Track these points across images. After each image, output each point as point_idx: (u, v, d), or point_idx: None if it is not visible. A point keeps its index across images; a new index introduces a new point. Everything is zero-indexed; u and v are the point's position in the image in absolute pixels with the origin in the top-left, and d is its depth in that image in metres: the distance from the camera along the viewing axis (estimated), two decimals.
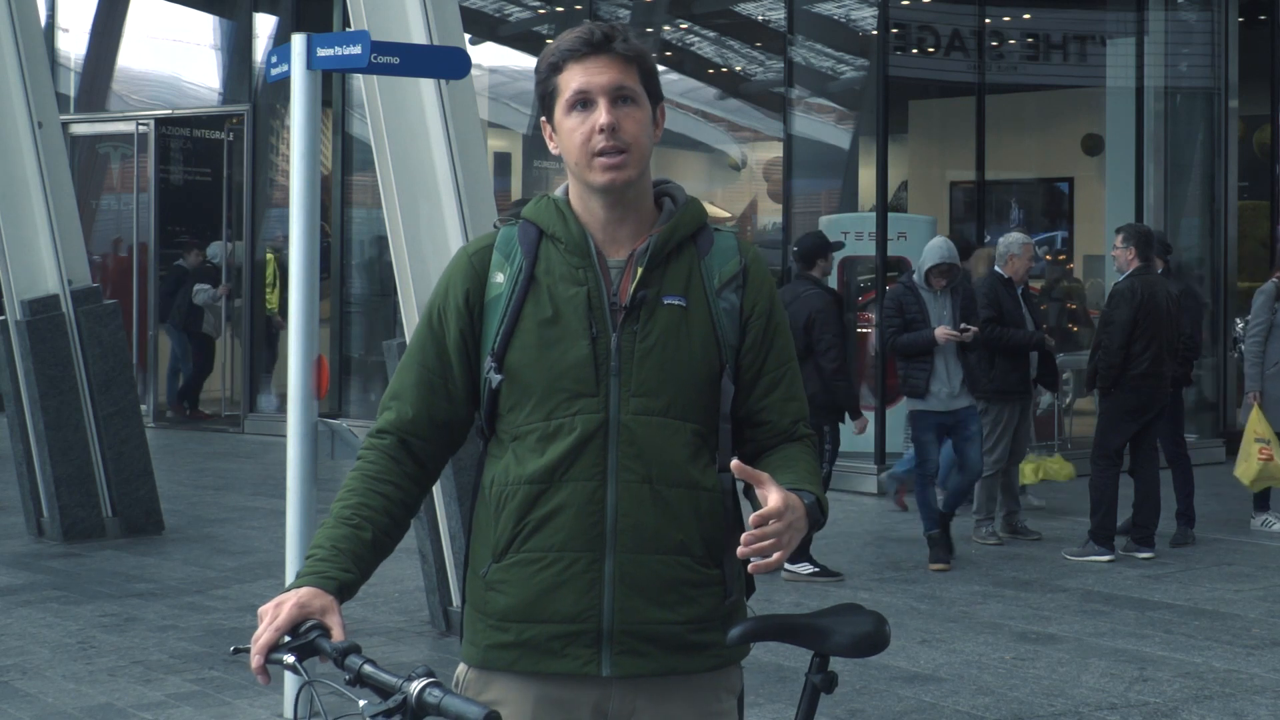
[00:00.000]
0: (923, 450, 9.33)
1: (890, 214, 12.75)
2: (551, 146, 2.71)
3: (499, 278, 2.68)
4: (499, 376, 2.65)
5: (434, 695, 2.24)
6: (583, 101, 2.62)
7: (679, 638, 2.64)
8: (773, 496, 2.47)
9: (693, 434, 2.64)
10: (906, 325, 9.20)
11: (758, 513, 2.46)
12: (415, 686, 2.26)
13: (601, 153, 2.60)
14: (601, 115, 2.60)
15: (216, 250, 17.23)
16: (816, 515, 2.58)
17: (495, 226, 2.77)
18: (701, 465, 2.65)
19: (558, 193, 2.74)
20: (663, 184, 2.76)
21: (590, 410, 2.61)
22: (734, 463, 2.49)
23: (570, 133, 2.63)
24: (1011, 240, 10.07)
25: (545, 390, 2.63)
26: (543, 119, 2.72)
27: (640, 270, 2.64)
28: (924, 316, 9.15)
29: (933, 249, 9.31)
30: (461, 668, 2.74)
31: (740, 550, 2.45)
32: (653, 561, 2.62)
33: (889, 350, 9.52)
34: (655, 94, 2.69)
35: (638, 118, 2.64)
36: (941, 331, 9.09)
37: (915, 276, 9.34)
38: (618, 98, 2.62)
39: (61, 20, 18.47)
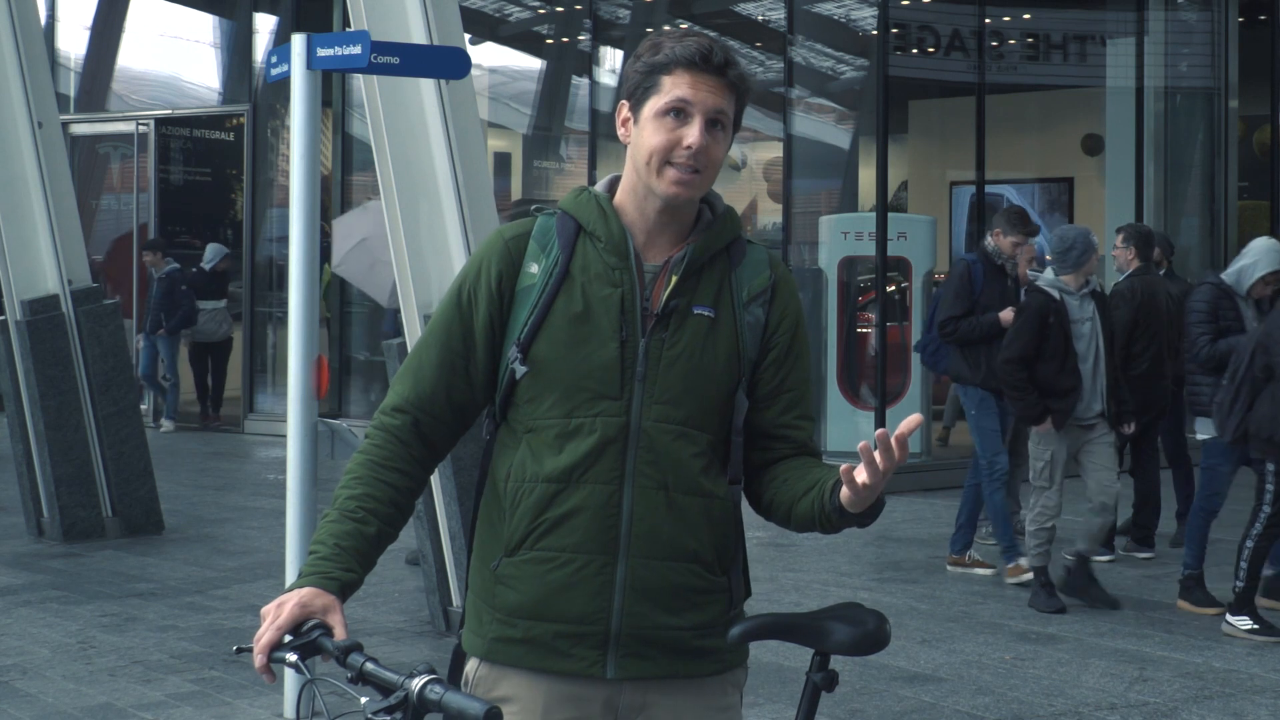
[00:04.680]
0: (1213, 481, 8.26)
1: (890, 214, 12.75)
2: (623, 134, 2.68)
3: (533, 268, 2.66)
4: (524, 368, 2.63)
5: (435, 692, 2.25)
6: (680, 111, 2.59)
7: (684, 643, 2.65)
8: (896, 452, 2.44)
9: (707, 444, 2.64)
10: (1220, 333, 8.28)
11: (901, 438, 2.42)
12: (416, 683, 2.27)
13: (679, 165, 2.59)
14: (695, 134, 2.58)
15: (215, 253, 16.66)
16: (879, 504, 2.58)
17: (534, 214, 2.74)
18: (714, 475, 2.66)
19: (599, 188, 2.72)
20: None
21: (612, 413, 2.60)
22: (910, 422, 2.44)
23: (655, 134, 2.60)
24: None
25: (568, 388, 2.61)
26: (624, 101, 2.68)
27: (675, 278, 2.63)
28: (1240, 326, 8.21)
29: (1268, 252, 8.23)
30: (472, 663, 2.74)
31: (865, 445, 2.42)
32: (664, 568, 2.62)
33: (1200, 360, 8.33)
34: (739, 123, 2.69)
35: (722, 146, 2.64)
36: None
37: (1227, 278, 8.30)
38: (713, 122, 2.60)
39: (61, 20, 18.48)
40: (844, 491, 2.50)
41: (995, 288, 8.97)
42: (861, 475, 2.45)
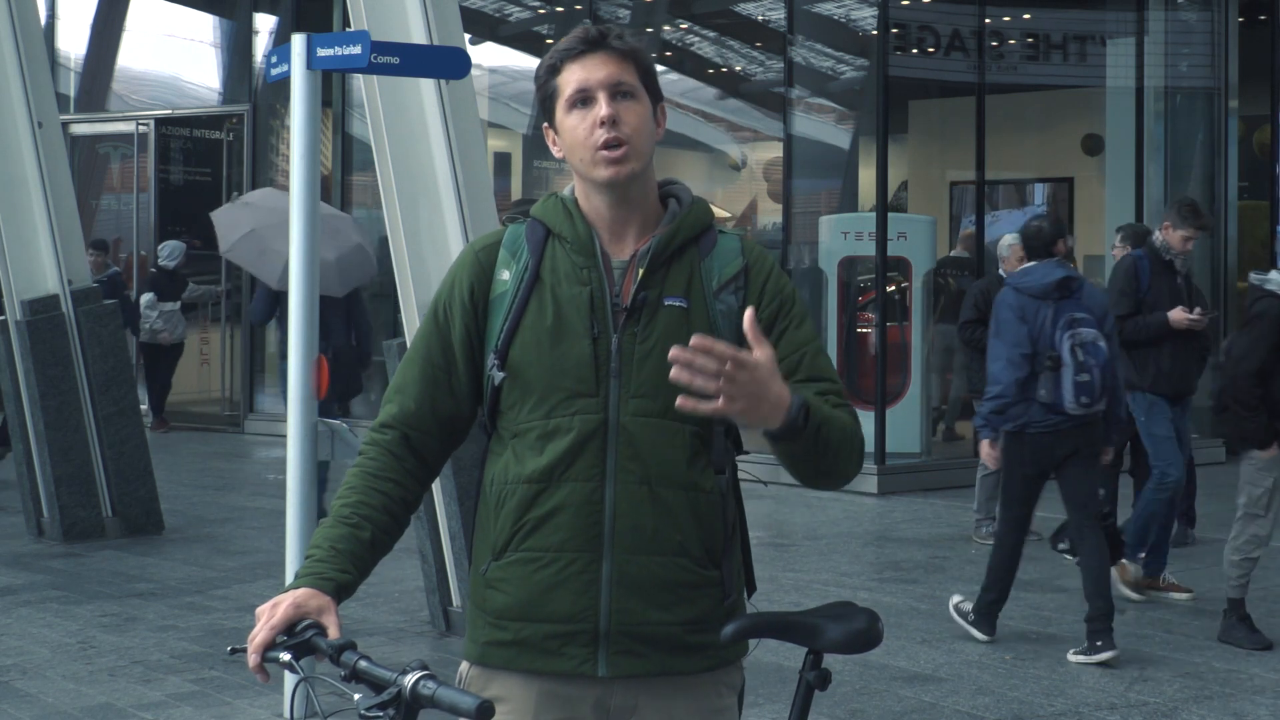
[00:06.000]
0: None
1: (890, 214, 12.75)
2: (555, 150, 2.71)
3: (505, 275, 2.69)
4: (501, 374, 2.65)
5: (428, 687, 2.26)
6: (583, 99, 2.63)
7: (675, 639, 2.64)
8: (755, 351, 2.39)
9: (691, 436, 2.64)
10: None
11: (718, 344, 2.36)
12: (409, 679, 2.28)
13: (604, 146, 2.60)
14: (602, 108, 2.61)
15: (173, 250, 15.97)
16: (798, 414, 2.45)
17: (503, 224, 2.78)
18: (700, 467, 2.65)
19: (566, 192, 2.75)
20: (670, 184, 2.76)
21: (589, 410, 2.61)
22: (747, 314, 2.40)
23: (572, 130, 2.64)
24: (1002, 243, 10.09)
25: (545, 389, 2.63)
26: (544, 125, 2.72)
27: (641, 271, 2.65)
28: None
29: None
30: (464, 665, 2.75)
31: (672, 353, 2.34)
32: (650, 563, 2.62)
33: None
34: (655, 92, 2.70)
35: (638, 111, 2.65)
36: None
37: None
38: (617, 93, 2.63)
39: (61, 20, 18.48)
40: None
41: (1163, 285, 8.34)
42: (689, 402, 2.37)
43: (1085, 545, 7.24)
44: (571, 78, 2.64)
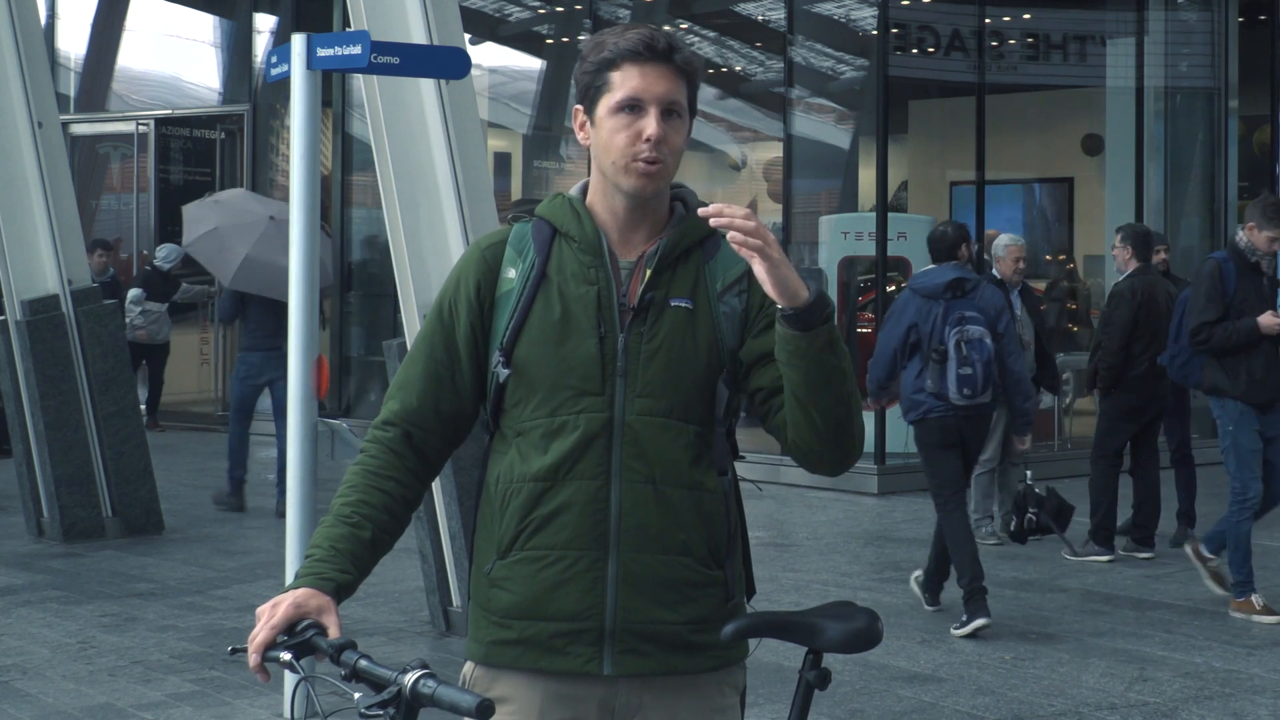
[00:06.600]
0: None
1: (890, 214, 12.76)
2: (581, 137, 2.70)
3: (511, 273, 2.69)
4: (506, 371, 2.65)
5: (428, 686, 2.27)
6: (632, 106, 2.61)
7: (680, 637, 2.65)
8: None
9: (695, 436, 2.65)
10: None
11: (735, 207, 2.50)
12: (409, 678, 2.28)
13: (642, 158, 2.60)
14: (652, 126, 2.59)
15: (169, 252, 15.84)
16: (820, 294, 2.50)
17: (509, 223, 2.77)
18: (704, 467, 2.66)
19: (573, 191, 2.75)
20: (676, 188, 2.76)
21: (595, 409, 2.62)
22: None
23: (613, 133, 2.62)
24: (997, 243, 10.08)
25: (551, 387, 2.63)
26: (578, 106, 2.69)
27: (649, 272, 2.65)
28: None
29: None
30: (468, 666, 2.75)
31: (701, 210, 2.47)
32: (655, 561, 2.62)
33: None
34: (694, 108, 2.70)
35: (681, 132, 2.65)
36: None
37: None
38: (668, 111, 2.62)
39: (61, 20, 18.49)
40: (765, 285, 2.49)
41: (1249, 288, 7.90)
42: (740, 237, 2.44)
43: (949, 521, 7.66)
44: (627, 82, 2.61)
